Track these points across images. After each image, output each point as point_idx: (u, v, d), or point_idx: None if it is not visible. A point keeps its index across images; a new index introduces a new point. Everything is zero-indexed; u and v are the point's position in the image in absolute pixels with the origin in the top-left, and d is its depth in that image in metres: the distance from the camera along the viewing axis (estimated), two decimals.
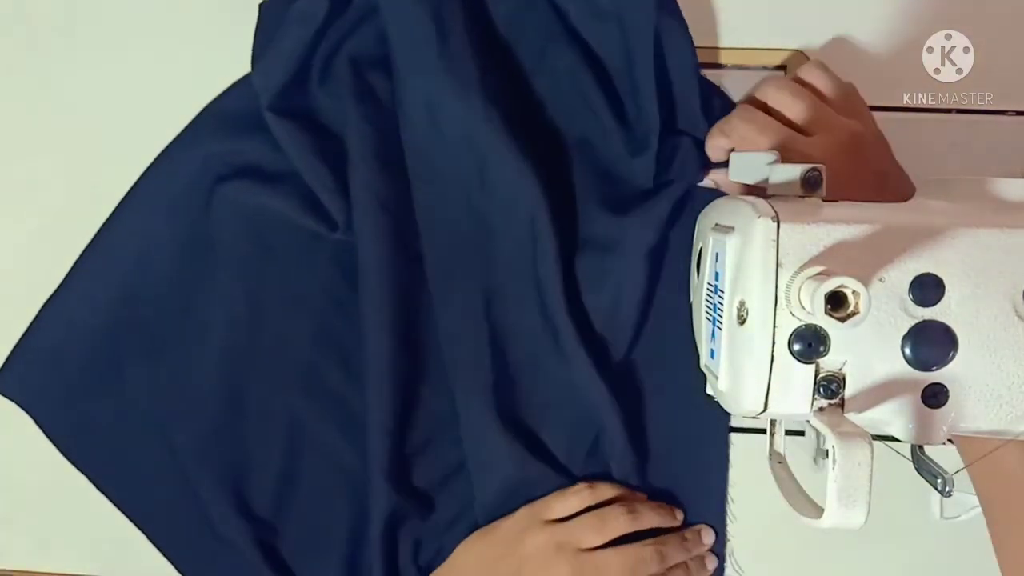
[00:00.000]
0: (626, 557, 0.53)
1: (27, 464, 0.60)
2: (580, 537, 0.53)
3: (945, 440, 0.39)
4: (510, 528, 0.54)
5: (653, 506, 0.56)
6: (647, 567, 0.53)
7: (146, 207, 0.57)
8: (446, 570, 0.55)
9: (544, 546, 0.52)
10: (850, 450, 0.34)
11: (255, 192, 0.56)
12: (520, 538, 0.53)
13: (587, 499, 0.54)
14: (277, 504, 0.57)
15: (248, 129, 0.56)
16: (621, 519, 0.53)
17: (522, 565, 0.52)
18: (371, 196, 0.54)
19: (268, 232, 0.57)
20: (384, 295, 0.54)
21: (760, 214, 0.37)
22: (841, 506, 0.34)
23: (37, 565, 0.61)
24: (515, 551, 0.53)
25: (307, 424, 0.57)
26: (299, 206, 0.55)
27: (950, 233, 0.37)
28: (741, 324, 0.39)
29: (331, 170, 0.54)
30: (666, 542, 0.55)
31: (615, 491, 0.55)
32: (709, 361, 0.45)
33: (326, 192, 0.54)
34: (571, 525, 0.53)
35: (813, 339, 0.37)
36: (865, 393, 0.38)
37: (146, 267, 0.57)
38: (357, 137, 0.54)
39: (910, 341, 0.37)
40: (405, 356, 0.55)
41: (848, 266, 0.36)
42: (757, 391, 0.38)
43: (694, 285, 0.50)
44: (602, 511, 0.54)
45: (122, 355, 0.58)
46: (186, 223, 0.57)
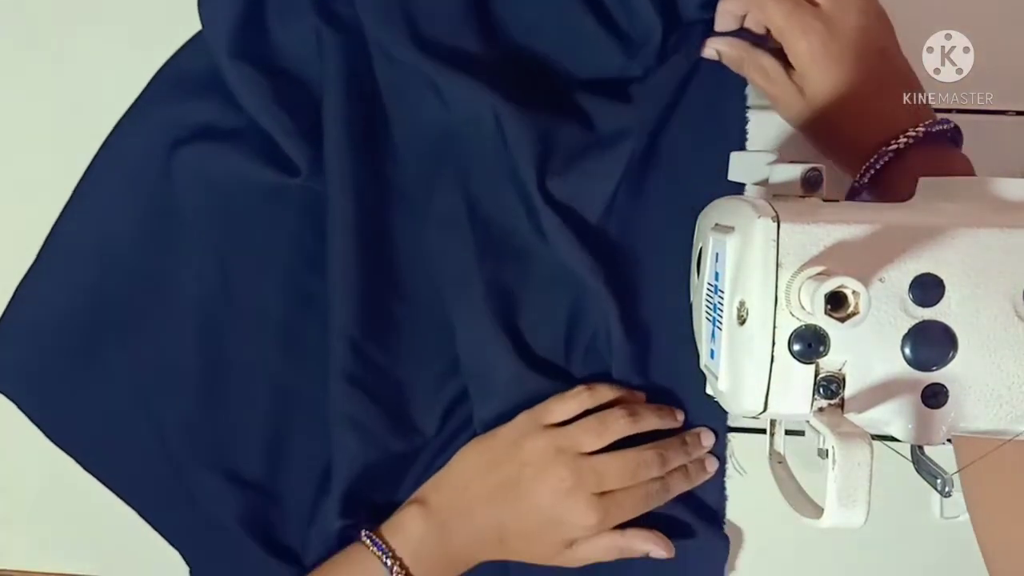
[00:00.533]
0: (627, 460, 0.52)
1: (27, 464, 0.60)
2: (580, 441, 0.52)
3: (945, 440, 0.39)
4: (509, 434, 0.53)
5: (653, 408, 0.55)
6: (648, 470, 0.52)
7: (106, 181, 0.57)
8: (444, 476, 0.54)
9: (544, 450, 0.51)
10: (850, 450, 0.34)
11: (212, 152, 0.55)
12: (519, 443, 0.52)
13: (586, 402, 0.53)
14: (268, 467, 0.57)
15: (199, 89, 0.55)
16: (621, 422, 0.52)
17: (522, 470, 0.52)
18: (341, 126, 0.53)
19: (229, 193, 0.56)
20: (351, 217, 0.53)
21: (760, 214, 0.37)
22: (841, 506, 0.34)
23: (37, 565, 0.61)
24: (514, 456, 0.52)
25: (290, 383, 0.57)
26: (258, 158, 0.55)
27: (950, 233, 0.37)
28: (741, 324, 0.39)
29: (291, 115, 0.54)
30: (667, 445, 0.54)
31: (614, 392, 0.54)
32: (709, 361, 0.45)
33: (286, 136, 0.54)
34: (571, 429, 0.52)
35: (813, 339, 0.37)
36: (865, 393, 0.38)
37: (113, 242, 0.57)
38: (326, 66, 0.53)
39: (910, 341, 0.37)
40: (373, 271, 0.54)
41: (848, 266, 0.36)
42: (757, 391, 0.38)
43: (694, 285, 0.50)
44: (602, 414, 0.53)
45: (99, 333, 0.57)
46: (147, 193, 0.56)
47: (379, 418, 0.55)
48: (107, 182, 0.57)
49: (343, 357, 0.54)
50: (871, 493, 0.34)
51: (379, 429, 0.55)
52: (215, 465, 0.57)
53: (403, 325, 0.56)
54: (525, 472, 0.52)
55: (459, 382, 0.56)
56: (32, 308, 0.58)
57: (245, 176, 0.55)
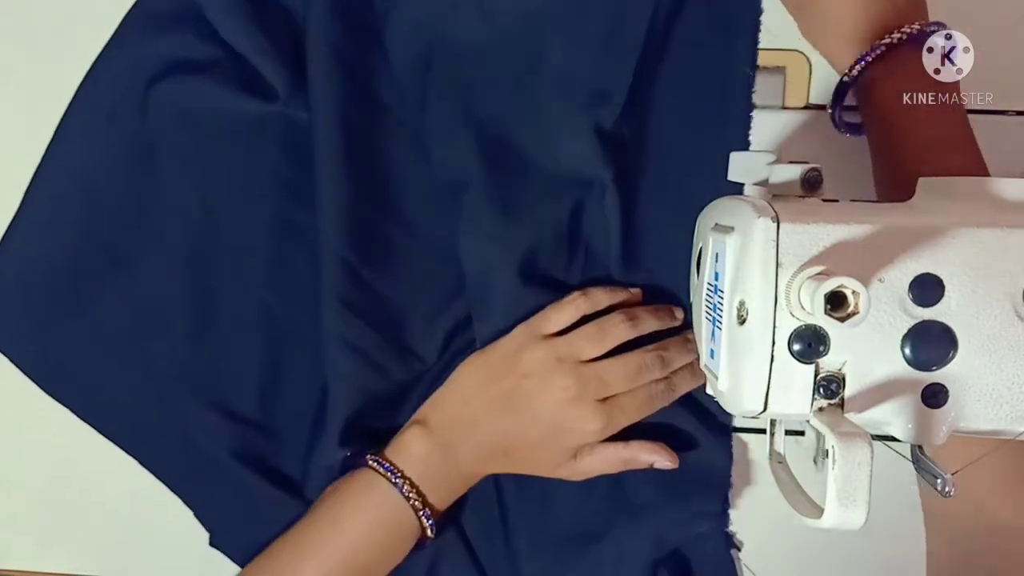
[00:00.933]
0: (628, 364, 0.51)
1: (27, 464, 0.60)
2: (580, 348, 0.51)
3: (945, 440, 0.39)
4: (507, 346, 0.53)
5: (651, 310, 0.54)
6: (651, 372, 0.52)
7: (84, 124, 0.56)
8: (444, 394, 0.54)
9: (544, 360, 0.51)
10: (850, 450, 0.34)
11: (188, 85, 0.55)
12: (518, 355, 0.52)
13: (583, 307, 0.53)
14: (262, 402, 0.57)
15: (171, 24, 0.55)
16: (620, 327, 0.52)
17: (521, 382, 0.51)
18: (327, 49, 0.52)
19: (207, 125, 0.55)
20: (338, 139, 0.53)
21: (760, 214, 0.37)
22: (841, 506, 0.34)
23: (37, 565, 0.61)
24: (514, 368, 0.52)
25: (280, 316, 0.57)
26: (236, 87, 0.54)
27: (950, 233, 0.37)
28: (741, 324, 0.39)
29: (269, 37, 0.53)
30: (668, 346, 0.53)
31: (611, 295, 0.54)
32: (709, 361, 0.45)
33: (264, 57, 0.53)
34: (570, 337, 0.52)
35: (813, 339, 0.37)
36: (865, 393, 0.38)
37: (95, 183, 0.56)
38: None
39: (910, 341, 0.37)
40: (364, 193, 0.54)
41: (848, 266, 0.36)
42: (757, 391, 0.38)
43: (694, 285, 0.50)
44: (600, 321, 0.53)
45: (85, 276, 0.57)
46: (126, 131, 0.56)
47: (376, 343, 0.54)
48: (85, 125, 0.56)
49: (337, 281, 0.53)
50: (871, 493, 0.34)
51: (376, 354, 0.54)
52: (209, 401, 0.56)
53: (400, 249, 0.56)
54: (525, 384, 0.51)
55: (459, 308, 0.56)
56: (17, 256, 0.57)
57: (222, 106, 0.55)
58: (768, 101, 0.54)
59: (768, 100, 0.54)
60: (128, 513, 0.60)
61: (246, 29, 0.53)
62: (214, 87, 0.54)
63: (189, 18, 0.54)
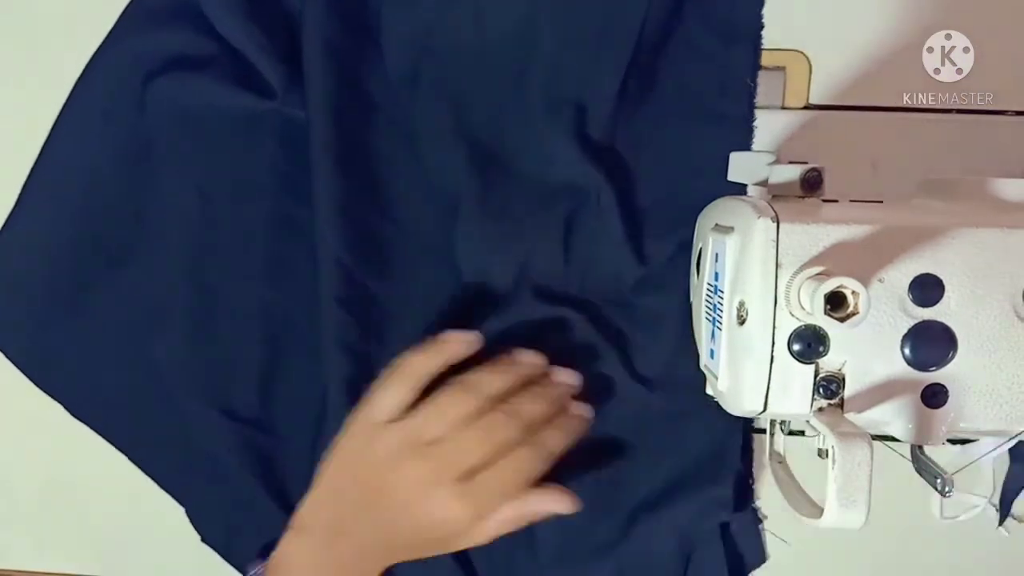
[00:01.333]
0: (474, 429, 0.46)
1: (27, 464, 0.60)
2: (421, 428, 0.47)
3: (945, 440, 0.39)
4: (354, 438, 0.49)
5: (493, 365, 0.50)
6: (504, 430, 0.46)
7: (81, 121, 0.56)
8: (314, 495, 0.49)
9: (393, 448, 0.47)
10: (850, 450, 0.34)
11: (185, 81, 0.54)
12: (371, 447, 0.48)
13: (408, 380, 0.48)
14: (263, 400, 0.57)
15: (168, 20, 0.55)
16: (457, 396, 0.47)
17: (385, 475, 0.47)
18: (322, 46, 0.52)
19: (205, 122, 0.55)
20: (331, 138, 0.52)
21: (760, 214, 0.37)
22: (841, 506, 0.34)
23: (37, 565, 0.61)
24: (371, 462, 0.47)
25: (279, 312, 0.56)
26: (232, 84, 0.54)
27: (950, 233, 0.37)
28: (741, 324, 0.39)
29: (266, 33, 0.53)
30: (519, 397, 0.47)
31: (433, 359, 0.49)
32: (709, 361, 0.45)
33: (261, 53, 0.53)
34: (409, 420, 0.47)
35: (813, 339, 0.37)
36: (865, 393, 0.38)
37: (92, 180, 0.56)
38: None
39: (910, 341, 0.37)
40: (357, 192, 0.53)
41: (848, 266, 0.36)
42: (757, 391, 0.38)
43: (694, 285, 0.50)
44: (435, 393, 0.48)
45: (84, 275, 0.57)
46: (123, 128, 0.56)
47: (371, 343, 0.54)
48: (82, 121, 0.56)
49: (333, 280, 0.53)
50: (871, 493, 0.34)
51: (372, 355, 0.54)
52: (209, 399, 0.56)
53: (394, 250, 0.55)
54: (389, 477, 0.47)
55: (454, 310, 0.55)
56: (14, 254, 0.57)
57: (219, 103, 0.54)
58: (768, 101, 0.54)
59: (768, 100, 0.54)
60: (128, 513, 0.60)
61: (243, 25, 0.53)
62: (211, 83, 0.54)
63: (186, 14, 0.54)
